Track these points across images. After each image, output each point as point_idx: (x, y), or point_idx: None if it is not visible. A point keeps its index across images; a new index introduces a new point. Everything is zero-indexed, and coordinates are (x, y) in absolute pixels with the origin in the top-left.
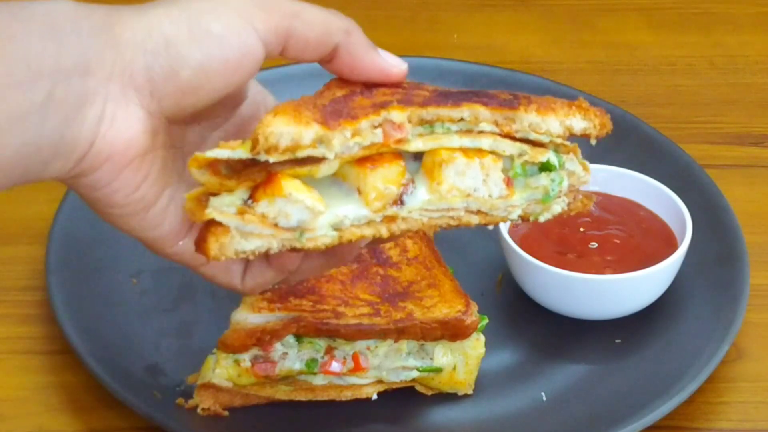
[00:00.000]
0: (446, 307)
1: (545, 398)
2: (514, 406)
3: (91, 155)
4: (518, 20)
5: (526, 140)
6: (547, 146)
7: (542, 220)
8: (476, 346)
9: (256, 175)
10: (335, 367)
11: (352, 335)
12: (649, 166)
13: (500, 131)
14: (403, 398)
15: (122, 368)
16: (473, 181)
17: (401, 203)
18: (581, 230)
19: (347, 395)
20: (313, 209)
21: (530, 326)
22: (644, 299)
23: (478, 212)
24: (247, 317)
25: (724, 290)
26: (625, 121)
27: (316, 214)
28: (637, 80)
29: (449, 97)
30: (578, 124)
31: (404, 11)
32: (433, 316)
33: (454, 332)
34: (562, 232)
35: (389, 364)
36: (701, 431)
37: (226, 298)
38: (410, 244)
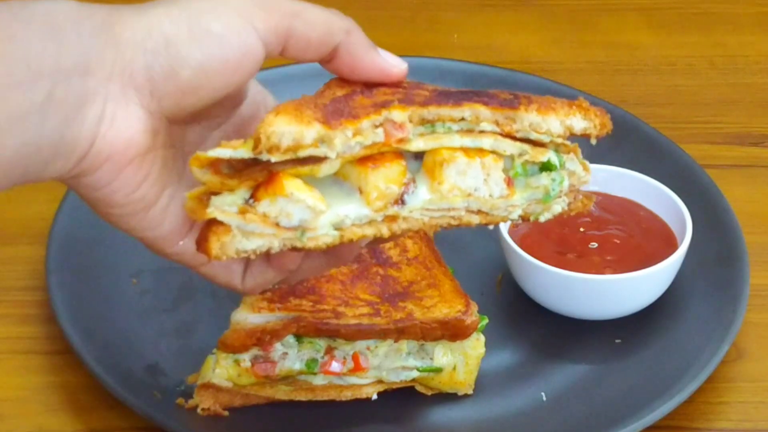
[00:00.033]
0: (446, 307)
1: (545, 398)
2: (514, 406)
3: (91, 155)
4: (518, 20)
5: (526, 140)
6: (547, 146)
7: (543, 220)
8: (476, 346)
9: (257, 174)
10: (335, 367)
11: (352, 335)
12: (649, 166)
13: (501, 131)
14: (403, 398)
15: (122, 368)
16: (474, 180)
17: (402, 203)
18: (581, 230)
19: (347, 395)
20: (314, 209)
21: (530, 326)
22: (644, 299)
23: (478, 212)
24: (247, 317)
25: (724, 290)
26: (625, 121)
27: (317, 213)
28: (637, 80)
29: (450, 96)
30: (579, 123)
31: (404, 11)
32: (433, 316)
33: (454, 332)
34: (562, 232)
35: (389, 364)
36: (701, 431)
37: (226, 298)
38: (410, 244)
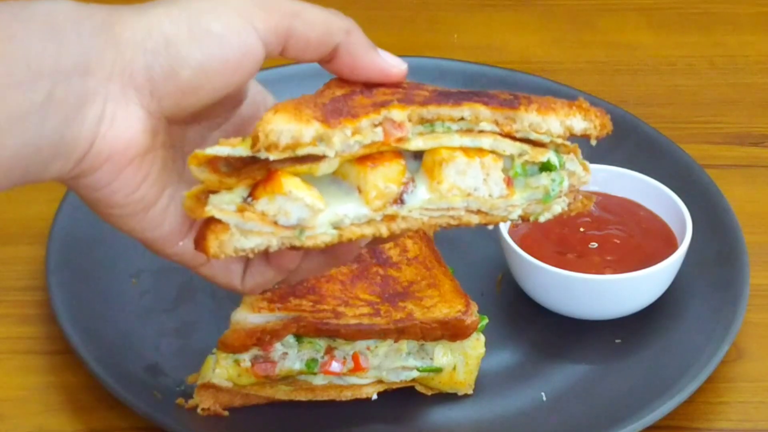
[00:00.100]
0: (446, 307)
1: (545, 398)
2: (514, 406)
3: (91, 155)
4: (518, 20)
5: (526, 140)
6: (547, 146)
7: (542, 220)
8: (476, 346)
9: (256, 172)
10: (335, 367)
11: (352, 335)
12: (649, 166)
13: (501, 131)
14: (403, 398)
15: (122, 368)
16: (474, 180)
17: (401, 202)
18: (581, 230)
19: (347, 395)
20: (313, 207)
21: (530, 326)
22: (644, 299)
23: (478, 212)
24: (247, 317)
25: (724, 290)
26: (625, 121)
27: (315, 212)
28: (637, 80)
29: (449, 96)
30: (579, 124)
31: (404, 11)
32: (433, 316)
33: (454, 332)
34: (562, 232)
35: (389, 364)
36: (701, 431)
37: (226, 298)
38: (410, 244)
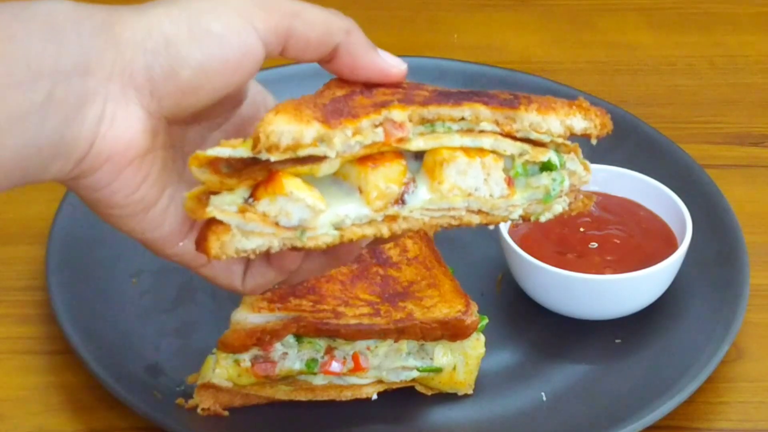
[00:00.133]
0: (446, 307)
1: (545, 398)
2: (514, 406)
3: (91, 156)
4: (518, 20)
5: (526, 140)
6: (547, 146)
7: (543, 219)
8: (476, 346)
9: (256, 173)
10: (335, 367)
11: (352, 335)
12: (649, 166)
13: (501, 131)
14: (403, 398)
15: (122, 368)
16: (474, 180)
17: (402, 202)
18: (581, 230)
19: (347, 395)
20: (314, 208)
21: (530, 326)
22: (644, 299)
23: (479, 212)
24: (247, 317)
25: (724, 290)
26: (625, 121)
27: (317, 212)
28: (637, 80)
29: (450, 96)
30: (579, 123)
31: (404, 11)
32: (433, 316)
33: (454, 332)
34: (562, 232)
35: (389, 364)
36: (701, 431)
37: (226, 298)
38: (410, 244)
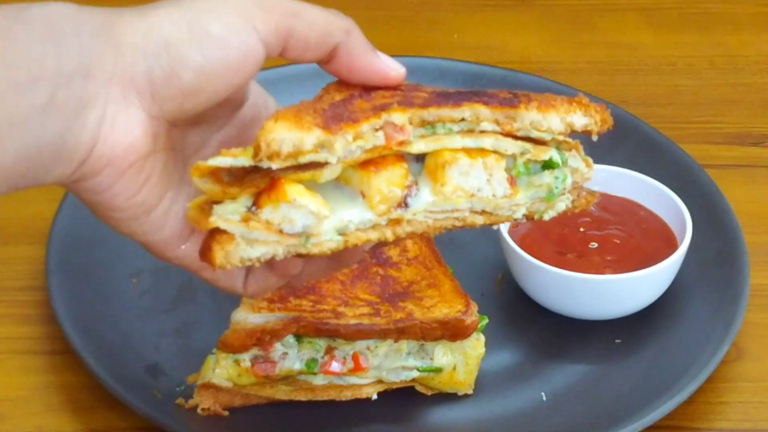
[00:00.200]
0: (446, 307)
1: (545, 398)
2: (514, 406)
3: (92, 159)
4: (518, 20)
5: (527, 138)
6: (548, 144)
7: (547, 218)
8: (476, 346)
9: (258, 181)
10: (335, 367)
11: (352, 335)
12: (649, 166)
13: (502, 130)
14: (403, 398)
15: (122, 368)
16: (477, 181)
17: (406, 206)
18: (581, 230)
19: (347, 395)
20: (317, 214)
21: (530, 326)
22: (644, 299)
23: (482, 212)
24: (247, 317)
25: (724, 290)
26: (625, 121)
27: (320, 218)
28: (637, 80)
29: (449, 97)
30: (579, 120)
31: (404, 11)
32: (433, 316)
33: (454, 332)
34: (562, 232)
35: (389, 364)
36: (701, 431)
37: (226, 298)
38: (410, 244)
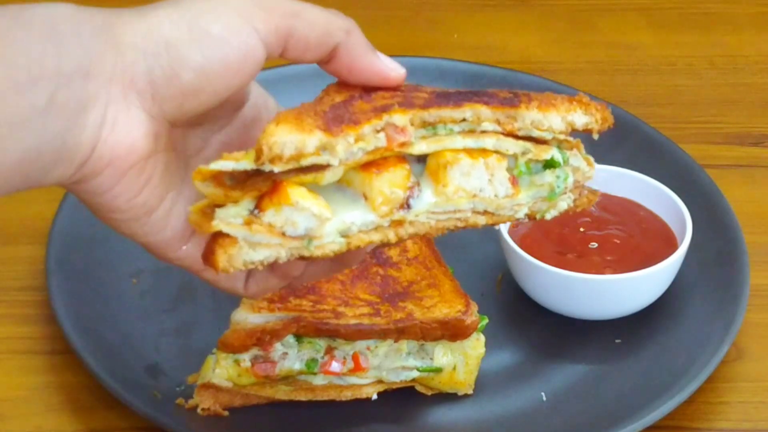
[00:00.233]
0: (446, 307)
1: (545, 398)
2: (514, 406)
3: (92, 160)
4: (518, 20)
5: (528, 138)
6: (549, 143)
7: (549, 217)
8: (476, 346)
9: (260, 184)
10: (335, 367)
11: (352, 335)
12: (649, 166)
13: (503, 130)
14: (403, 398)
15: (122, 368)
16: (479, 181)
17: (408, 207)
18: (581, 230)
19: (347, 395)
20: (320, 216)
21: (530, 326)
22: (644, 299)
23: (484, 212)
24: (247, 317)
25: (724, 290)
26: (625, 121)
27: (323, 221)
28: (637, 80)
29: (450, 97)
30: (580, 119)
31: (404, 11)
32: (433, 316)
33: (454, 332)
34: (562, 232)
35: (389, 364)
36: (701, 431)
37: (226, 298)
38: (410, 244)
